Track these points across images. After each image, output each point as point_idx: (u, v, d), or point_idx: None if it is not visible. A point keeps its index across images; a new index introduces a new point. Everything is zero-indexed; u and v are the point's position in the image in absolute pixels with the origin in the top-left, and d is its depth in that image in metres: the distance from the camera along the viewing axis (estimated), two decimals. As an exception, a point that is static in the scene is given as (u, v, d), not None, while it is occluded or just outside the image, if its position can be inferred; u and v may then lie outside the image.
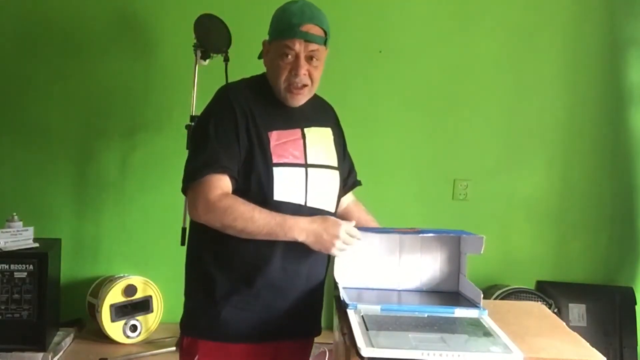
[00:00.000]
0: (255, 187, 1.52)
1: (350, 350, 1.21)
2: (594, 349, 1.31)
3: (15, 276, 2.34)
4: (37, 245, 2.43)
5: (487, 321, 1.39)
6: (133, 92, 2.80)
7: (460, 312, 1.43)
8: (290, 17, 1.55)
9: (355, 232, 1.53)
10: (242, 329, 1.56)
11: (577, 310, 2.73)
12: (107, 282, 2.67)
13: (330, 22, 2.95)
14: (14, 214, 2.45)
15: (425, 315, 1.41)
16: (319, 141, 1.64)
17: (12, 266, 2.34)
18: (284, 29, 1.55)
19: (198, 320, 1.61)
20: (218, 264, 1.58)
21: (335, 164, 1.67)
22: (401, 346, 1.19)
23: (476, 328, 1.34)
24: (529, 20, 2.82)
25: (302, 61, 1.55)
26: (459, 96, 2.84)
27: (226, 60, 2.48)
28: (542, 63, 2.83)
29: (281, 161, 1.54)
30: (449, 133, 2.84)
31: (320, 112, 1.72)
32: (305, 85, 1.58)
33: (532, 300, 2.61)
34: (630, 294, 2.78)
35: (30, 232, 2.43)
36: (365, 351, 1.17)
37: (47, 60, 2.79)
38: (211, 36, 2.49)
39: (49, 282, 2.37)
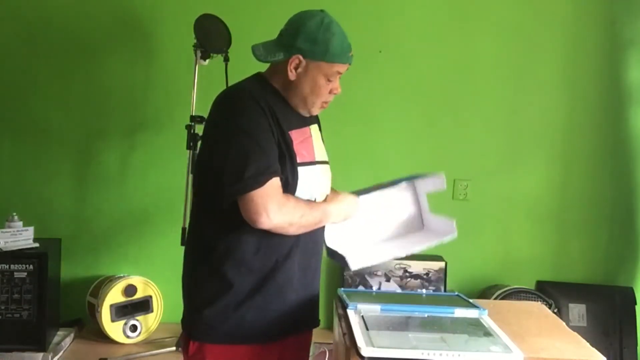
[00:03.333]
0: (284, 187, 1.51)
1: (350, 350, 1.21)
2: (594, 349, 1.31)
3: (15, 276, 2.34)
4: (37, 245, 2.43)
5: (487, 321, 1.39)
6: (133, 92, 2.80)
7: (460, 312, 1.43)
8: (341, 41, 1.61)
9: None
10: (264, 328, 1.56)
11: (577, 310, 2.73)
12: (107, 282, 2.67)
13: (330, 22, 2.91)
14: (14, 214, 2.45)
15: (425, 315, 1.41)
16: (317, 138, 1.69)
17: (12, 266, 2.34)
18: (340, 55, 1.60)
19: (216, 325, 1.55)
20: (238, 267, 1.55)
21: (328, 159, 1.71)
22: (401, 346, 1.20)
23: (476, 328, 1.34)
24: (528, 20, 2.82)
25: (338, 81, 1.64)
26: (459, 96, 2.84)
27: (226, 60, 2.48)
28: (542, 63, 2.83)
29: (302, 160, 1.56)
30: (449, 133, 2.84)
31: None
32: None
33: (532, 300, 2.61)
34: (630, 294, 2.78)
35: (30, 232, 2.43)
36: (365, 351, 1.17)
37: (48, 60, 2.79)
38: (211, 36, 2.49)
39: (49, 282, 2.37)
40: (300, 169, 1.54)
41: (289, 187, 1.52)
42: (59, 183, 2.81)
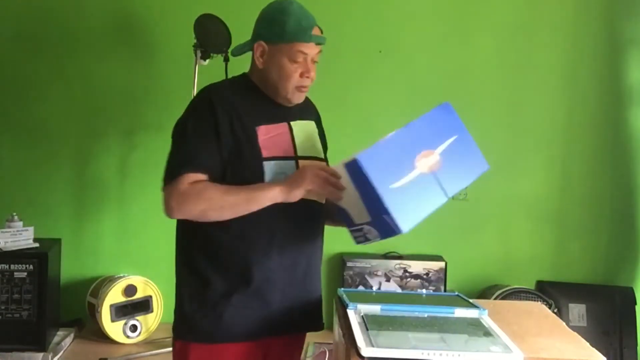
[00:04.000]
0: (246, 181, 1.51)
1: (350, 350, 1.21)
2: (594, 349, 1.31)
3: (15, 276, 2.34)
4: (37, 245, 2.43)
5: (487, 321, 1.39)
6: (133, 92, 2.80)
7: (460, 312, 1.43)
8: (299, 20, 1.57)
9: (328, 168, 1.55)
10: (243, 328, 1.54)
11: (577, 310, 2.73)
12: (107, 282, 2.67)
13: (330, 22, 2.95)
14: (14, 214, 2.45)
15: (425, 315, 1.41)
16: (306, 133, 1.66)
17: (12, 266, 2.34)
18: (296, 33, 1.56)
19: (195, 324, 1.57)
20: (212, 264, 1.56)
21: (322, 156, 1.69)
22: (401, 346, 1.20)
23: (476, 328, 1.34)
24: (529, 20, 2.82)
25: (311, 64, 1.59)
26: (458, 96, 2.83)
27: (226, 60, 2.48)
28: (542, 63, 2.83)
29: (269, 155, 1.54)
30: (449, 133, 2.84)
31: (302, 106, 1.70)
32: (308, 86, 1.61)
33: (532, 300, 2.61)
34: (630, 294, 2.78)
35: (30, 232, 2.43)
36: (365, 351, 1.17)
37: (47, 60, 2.79)
38: (211, 36, 2.50)
39: (49, 282, 2.37)
40: (266, 164, 1.53)
41: (249, 180, 1.51)
42: (59, 183, 2.81)
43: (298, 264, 1.61)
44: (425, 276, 2.74)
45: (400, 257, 2.78)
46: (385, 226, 1.46)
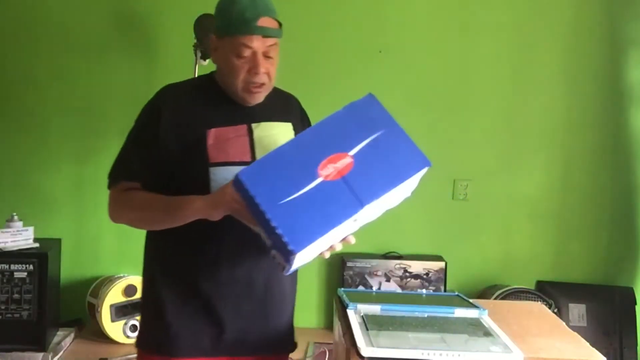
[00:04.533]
0: (190, 188, 1.41)
1: (350, 350, 1.21)
2: (594, 349, 1.31)
3: (15, 276, 2.34)
4: (37, 245, 2.43)
5: (487, 321, 1.39)
6: (133, 91, 2.80)
7: (460, 312, 1.43)
8: (243, 11, 1.41)
9: None
10: (192, 343, 1.45)
11: (577, 310, 2.73)
12: (107, 282, 2.67)
13: (330, 22, 2.96)
14: (14, 214, 2.45)
15: (425, 315, 1.41)
16: (272, 137, 1.50)
17: (12, 266, 2.34)
18: (238, 25, 1.42)
19: (148, 333, 1.52)
20: (163, 273, 1.50)
21: None
22: (401, 346, 1.20)
23: (476, 328, 1.34)
24: (528, 20, 2.82)
25: (261, 59, 1.43)
26: (459, 96, 2.84)
27: (226, 60, 2.48)
28: (542, 63, 2.83)
29: (220, 160, 1.43)
30: (449, 133, 2.84)
31: (277, 107, 1.57)
32: (263, 84, 1.47)
33: (532, 300, 2.61)
34: (630, 294, 2.78)
35: (30, 232, 2.43)
36: (365, 351, 1.17)
37: (47, 60, 2.79)
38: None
39: (49, 282, 2.37)
40: (213, 170, 1.42)
41: (199, 188, 1.40)
42: (59, 183, 2.81)
43: (254, 280, 1.47)
44: (425, 276, 2.74)
45: (400, 257, 2.78)
46: (283, 249, 1.22)
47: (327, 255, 1.36)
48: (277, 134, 1.52)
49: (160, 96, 1.52)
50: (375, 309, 1.42)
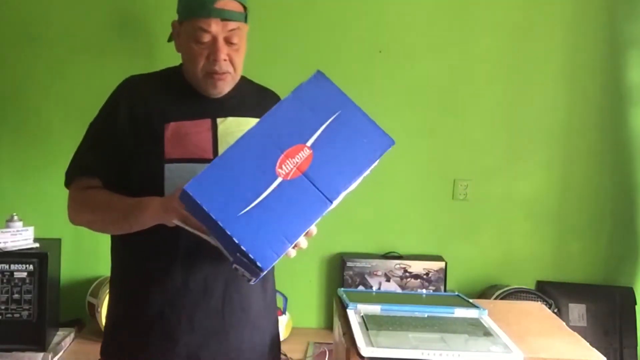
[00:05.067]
0: (143, 185, 1.32)
1: (350, 350, 1.21)
2: (594, 349, 1.31)
3: (15, 276, 2.34)
4: (37, 245, 2.42)
5: (487, 321, 1.39)
6: (133, 92, 2.80)
7: (460, 312, 1.43)
8: None
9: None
10: (146, 356, 1.34)
11: (577, 310, 2.73)
12: (107, 282, 2.67)
13: (330, 22, 2.95)
14: (14, 214, 2.45)
15: (425, 315, 1.41)
16: (239, 134, 1.30)
17: (12, 266, 2.34)
18: (195, 7, 1.35)
19: (107, 342, 1.44)
20: (119, 279, 1.43)
21: None
22: (401, 346, 1.20)
23: (476, 328, 1.34)
24: (528, 20, 2.82)
25: (221, 44, 1.33)
26: (459, 96, 2.84)
27: (226, 60, 2.48)
28: (542, 63, 2.83)
29: (177, 156, 1.32)
30: (449, 133, 2.84)
31: (249, 101, 1.46)
32: (226, 72, 1.35)
33: (532, 300, 2.61)
34: (630, 294, 2.78)
35: (30, 232, 2.43)
36: (365, 351, 1.17)
37: (47, 60, 2.79)
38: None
39: (49, 282, 2.37)
40: (168, 166, 1.31)
41: (152, 186, 1.30)
42: (59, 183, 2.79)
43: (212, 290, 1.34)
44: (425, 276, 2.74)
45: (400, 257, 2.78)
46: (250, 266, 1.09)
47: (293, 254, 1.18)
48: (245, 130, 1.33)
49: (121, 88, 1.47)
50: (375, 309, 1.42)
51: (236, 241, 1.05)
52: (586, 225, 2.88)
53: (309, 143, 1.16)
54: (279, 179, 1.11)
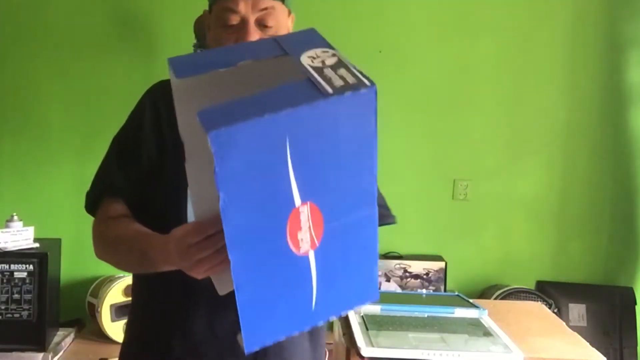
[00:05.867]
0: (163, 214, 1.11)
1: (350, 350, 1.21)
2: (594, 349, 1.31)
3: (15, 276, 2.34)
4: (37, 245, 2.42)
5: (487, 321, 1.39)
6: (133, 92, 2.78)
7: (460, 312, 1.43)
8: None
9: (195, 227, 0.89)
10: None
11: (577, 310, 2.73)
12: (107, 282, 2.67)
13: (330, 22, 2.95)
14: (14, 214, 2.45)
15: (425, 315, 1.41)
16: None
17: (12, 266, 2.33)
18: None
19: None
20: (135, 316, 1.23)
21: None
22: (401, 346, 1.20)
23: (476, 328, 1.34)
24: (528, 20, 2.82)
25: (252, 27, 1.11)
26: (459, 96, 2.84)
27: (226, 60, 2.48)
28: (542, 63, 2.84)
29: None
30: (449, 133, 2.84)
31: None
32: None
33: (532, 300, 2.61)
34: (630, 294, 2.78)
35: (30, 232, 2.42)
36: (365, 351, 1.17)
37: (48, 60, 2.79)
38: (211, 36, 2.49)
39: (49, 282, 2.37)
40: None
41: (174, 214, 1.09)
42: (59, 183, 2.81)
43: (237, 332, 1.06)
44: (425, 276, 2.74)
45: (400, 257, 2.78)
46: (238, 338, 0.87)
47: None
48: None
49: (148, 94, 1.27)
50: (375, 309, 1.42)
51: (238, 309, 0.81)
52: (586, 225, 2.88)
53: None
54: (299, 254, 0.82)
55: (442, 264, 2.75)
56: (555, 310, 2.61)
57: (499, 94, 2.85)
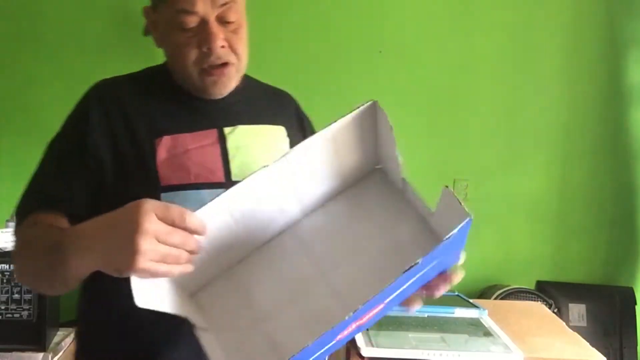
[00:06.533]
0: None
1: (350, 350, 1.21)
2: (594, 349, 1.32)
3: (15, 276, 2.34)
4: (37, 245, 2.43)
5: (487, 321, 1.39)
6: (133, 92, 2.80)
7: (460, 312, 1.44)
8: None
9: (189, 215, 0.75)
10: None
11: (577, 310, 2.73)
12: (107, 282, 2.67)
13: (330, 22, 2.95)
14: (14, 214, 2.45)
15: (425, 315, 1.41)
16: (255, 146, 1.04)
17: (12, 266, 2.34)
18: None
19: None
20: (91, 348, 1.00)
21: None
22: (401, 346, 1.20)
23: (476, 328, 1.34)
24: (528, 20, 2.82)
25: (214, 27, 0.99)
26: (459, 96, 2.84)
27: (226, 60, 2.48)
28: (542, 63, 2.83)
29: (176, 182, 0.95)
30: (449, 133, 2.84)
31: (262, 104, 1.14)
32: (227, 63, 1.02)
33: (532, 300, 2.61)
34: (630, 294, 2.78)
35: (30, 232, 2.43)
36: (365, 351, 1.17)
37: (48, 60, 2.79)
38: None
39: (49, 282, 2.37)
40: (165, 197, 0.94)
41: None
42: (59, 183, 2.81)
43: None
44: (425, 276, 2.74)
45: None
46: None
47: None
48: (265, 140, 1.07)
49: (91, 95, 1.11)
50: (375, 309, 1.42)
51: None
52: (586, 225, 2.88)
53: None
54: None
55: (442, 264, 2.75)
56: (555, 310, 2.61)
57: (499, 94, 2.85)
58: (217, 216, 0.78)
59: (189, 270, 0.75)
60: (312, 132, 1.16)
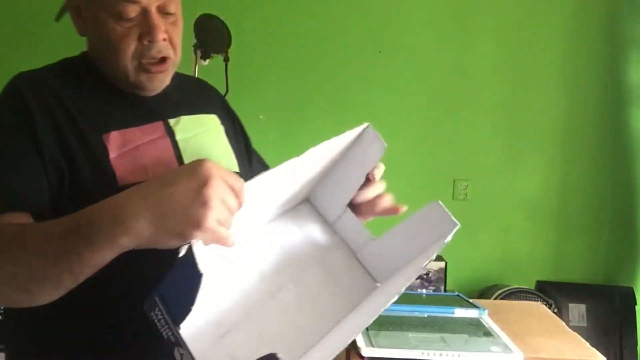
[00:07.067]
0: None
1: (350, 350, 1.21)
2: (594, 349, 1.31)
3: None
4: (37, 245, 2.42)
5: (487, 321, 1.39)
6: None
7: (460, 312, 1.43)
8: None
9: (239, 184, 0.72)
10: None
11: (577, 310, 2.73)
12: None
13: (331, 22, 2.95)
14: (14, 214, 2.45)
15: (425, 315, 1.41)
16: (200, 135, 1.02)
17: None
18: None
19: None
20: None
21: (236, 167, 1.04)
22: (401, 346, 1.20)
23: (476, 328, 1.34)
24: (529, 20, 2.82)
25: (156, 16, 0.93)
26: (459, 96, 2.84)
27: (226, 60, 2.48)
28: (542, 63, 2.84)
29: (134, 179, 0.87)
30: (449, 133, 2.84)
31: (193, 93, 1.10)
32: (165, 58, 0.95)
33: (532, 300, 2.61)
34: (630, 294, 2.78)
35: (30, 232, 2.42)
36: (365, 351, 1.17)
37: (48, 60, 2.79)
38: (211, 36, 2.49)
39: (49, 282, 2.37)
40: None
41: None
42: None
43: None
44: (425, 276, 2.74)
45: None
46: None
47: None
48: (206, 129, 1.04)
49: (22, 88, 0.99)
50: (375, 309, 1.42)
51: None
52: (586, 225, 2.88)
53: None
54: None
55: (442, 264, 2.75)
56: (555, 310, 2.61)
57: (499, 94, 2.85)
58: None
59: (234, 244, 0.70)
60: (242, 130, 1.17)
